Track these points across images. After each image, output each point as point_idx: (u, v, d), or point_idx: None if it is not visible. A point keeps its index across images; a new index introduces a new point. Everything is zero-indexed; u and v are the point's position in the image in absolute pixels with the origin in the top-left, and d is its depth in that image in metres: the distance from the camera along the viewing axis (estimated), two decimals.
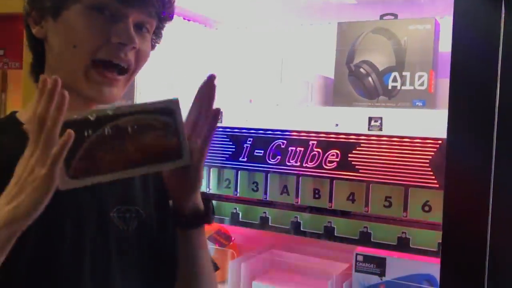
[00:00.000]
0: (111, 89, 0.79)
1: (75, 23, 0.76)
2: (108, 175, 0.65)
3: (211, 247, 1.69)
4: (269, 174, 1.55)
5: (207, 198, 0.83)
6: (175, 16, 0.89)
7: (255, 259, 1.66)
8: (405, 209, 1.36)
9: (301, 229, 1.51)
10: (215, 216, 1.64)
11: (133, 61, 0.79)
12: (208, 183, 1.65)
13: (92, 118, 0.63)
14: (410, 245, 1.35)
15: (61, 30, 0.77)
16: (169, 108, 0.69)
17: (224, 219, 1.63)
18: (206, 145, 0.74)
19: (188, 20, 1.95)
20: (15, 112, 0.86)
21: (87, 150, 0.63)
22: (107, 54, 0.76)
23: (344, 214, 1.46)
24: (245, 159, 1.59)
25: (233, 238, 1.77)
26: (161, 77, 1.75)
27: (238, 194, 1.61)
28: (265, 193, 1.56)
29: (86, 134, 0.63)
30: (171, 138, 0.69)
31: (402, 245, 1.36)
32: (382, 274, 1.44)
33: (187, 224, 0.81)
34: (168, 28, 1.83)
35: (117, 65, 0.77)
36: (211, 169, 1.64)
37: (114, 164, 0.65)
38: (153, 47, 0.88)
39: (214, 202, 1.64)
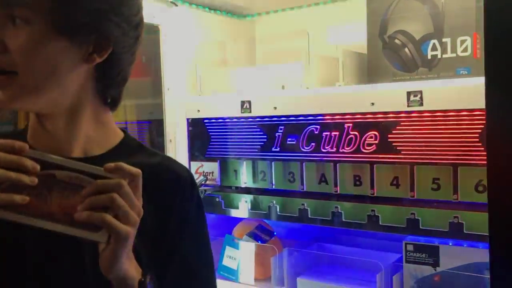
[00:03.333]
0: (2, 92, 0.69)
1: None
2: (22, 217, 0.62)
3: (254, 244, 1.61)
4: (304, 163, 1.45)
5: (143, 286, 0.71)
6: (199, 7, 0.79)
7: (298, 253, 1.57)
8: (456, 191, 1.22)
9: (343, 219, 1.40)
10: (255, 211, 1.56)
11: (11, 62, 0.69)
12: (243, 176, 1.57)
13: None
14: (464, 231, 1.21)
15: None
16: (107, 177, 0.65)
17: (263, 213, 1.55)
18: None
19: (214, 10, 1.87)
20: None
21: (12, 186, 0.61)
22: None
23: (388, 200, 1.33)
24: (278, 149, 1.49)
25: (275, 233, 1.68)
26: (189, 70, 1.69)
27: (274, 186, 1.52)
28: (302, 183, 1.46)
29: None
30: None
31: (455, 231, 1.22)
32: (435, 264, 1.30)
33: None
34: (193, 20, 1.78)
35: None
36: (245, 162, 1.56)
37: (32, 209, 0.62)
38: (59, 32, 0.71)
39: (251, 196, 1.57)
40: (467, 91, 1.19)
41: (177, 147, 1.68)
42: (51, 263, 0.74)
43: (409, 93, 1.26)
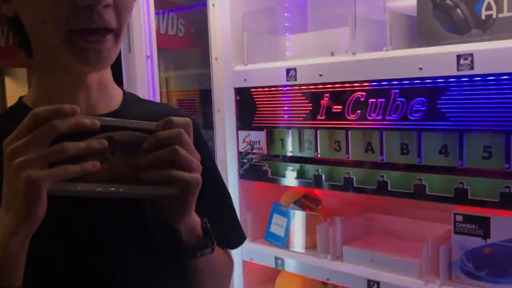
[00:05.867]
0: (99, 54, 0.69)
1: None
2: (93, 185, 0.60)
3: (300, 213, 1.62)
4: (349, 132, 1.42)
5: (206, 229, 0.77)
6: None
7: (345, 223, 1.55)
8: (508, 160, 1.15)
9: (389, 189, 1.36)
10: (301, 180, 1.56)
11: (114, 18, 0.69)
12: (289, 145, 1.57)
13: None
14: None
15: (25, 5, 0.70)
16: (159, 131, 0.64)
17: (308, 182, 1.54)
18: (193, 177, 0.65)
19: None
20: (22, 97, 0.82)
21: (74, 155, 0.58)
22: (79, 22, 0.66)
23: (436, 169, 1.28)
24: (323, 117, 1.47)
25: (322, 202, 1.68)
26: (236, 39, 1.68)
27: (319, 155, 1.51)
28: (347, 152, 1.44)
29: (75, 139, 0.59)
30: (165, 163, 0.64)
31: (506, 202, 1.16)
32: (486, 235, 1.25)
33: (185, 253, 0.75)
34: None
35: (96, 30, 0.68)
36: (291, 131, 1.56)
37: (100, 175, 0.60)
38: None
39: (297, 165, 1.56)
40: None
41: (225, 116, 1.70)
42: (115, 231, 0.76)
43: (459, 56, 1.19)
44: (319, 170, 1.50)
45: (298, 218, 1.62)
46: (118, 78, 1.47)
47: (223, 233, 0.86)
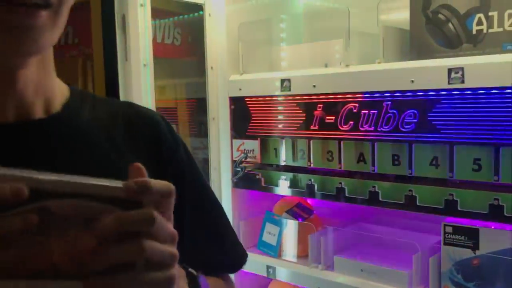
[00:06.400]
0: (30, 31, 0.50)
1: None
2: (11, 283, 0.39)
3: (293, 222, 1.63)
4: (342, 142, 1.44)
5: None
6: None
7: (337, 232, 1.56)
8: (497, 172, 1.17)
9: (380, 199, 1.38)
10: (294, 189, 1.58)
11: None
12: (282, 154, 1.58)
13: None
14: (505, 213, 1.16)
15: None
16: (134, 201, 0.42)
17: (301, 191, 1.56)
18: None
19: None
20: None
21: None
22: None
23: (427, 181, 1.30)
24: (316, 127, 1.49)
25: (314, 211, 1.69)
26: (232, 49, 1.70)
27: (312, 165, 1.52)
28: (340, 162, 1.45)
29: None
30: None
31: (495, 214, 1.17)
32: (475, 247, 1.26)
33: None
34: None
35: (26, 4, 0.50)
36: (284, 140, 1.57)
37: (19, 268, 0.39)
38: None
39: (290, 174, 1.58)
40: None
41: (219, 124, 1.72)
42: None
43: (450, 70, 1.21)
44: (312, 180, 1.52)
45: (290, 227, 1.63)
46: (114, 86, 1.49)
47: (223, 259, 0.76)
